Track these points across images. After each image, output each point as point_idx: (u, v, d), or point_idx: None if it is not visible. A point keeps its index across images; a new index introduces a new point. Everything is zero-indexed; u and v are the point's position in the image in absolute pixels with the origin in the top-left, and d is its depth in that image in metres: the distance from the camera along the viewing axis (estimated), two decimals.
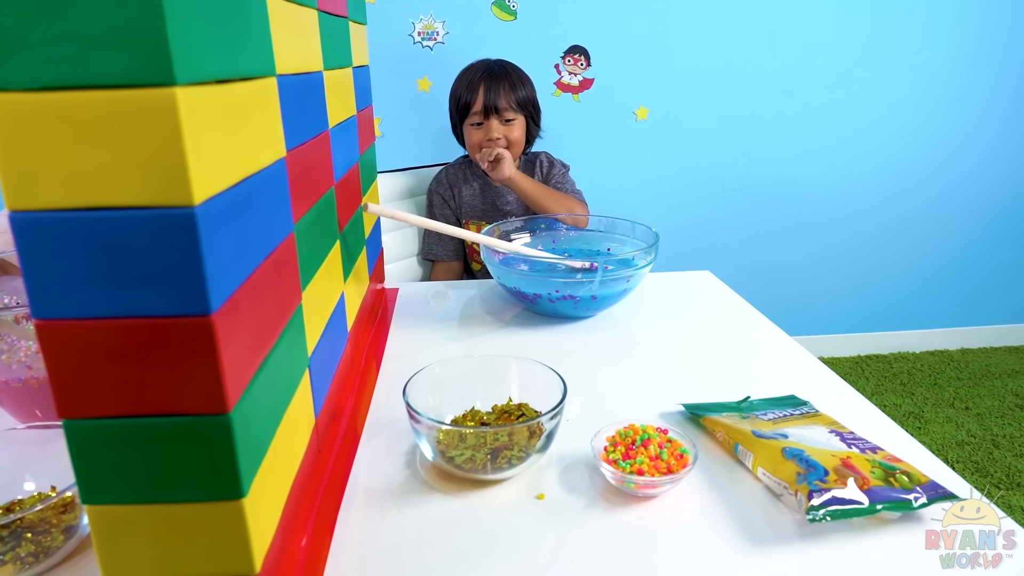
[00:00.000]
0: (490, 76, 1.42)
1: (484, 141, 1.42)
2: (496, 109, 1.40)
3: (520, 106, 1.43)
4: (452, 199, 1.56)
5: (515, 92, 1.42)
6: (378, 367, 0.83)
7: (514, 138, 1.43)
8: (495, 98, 1.40)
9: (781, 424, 0.64)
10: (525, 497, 0.57)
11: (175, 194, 0.32)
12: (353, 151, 0.82)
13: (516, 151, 1.45)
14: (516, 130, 1.44)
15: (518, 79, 1.45)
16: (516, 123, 1.43)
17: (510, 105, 1.41)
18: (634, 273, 0.89)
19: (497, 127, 1.41)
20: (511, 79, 1.43)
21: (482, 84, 1.41)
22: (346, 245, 0.75)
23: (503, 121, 1.42)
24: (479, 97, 1.41)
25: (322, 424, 0.61)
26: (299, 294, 0.53)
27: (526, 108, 1.45)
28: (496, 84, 1.41)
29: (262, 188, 0.44)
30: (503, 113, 1.41)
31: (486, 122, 1.42)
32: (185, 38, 0.32)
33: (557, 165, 1.54)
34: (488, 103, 1.40)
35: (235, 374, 0.37)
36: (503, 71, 1.44)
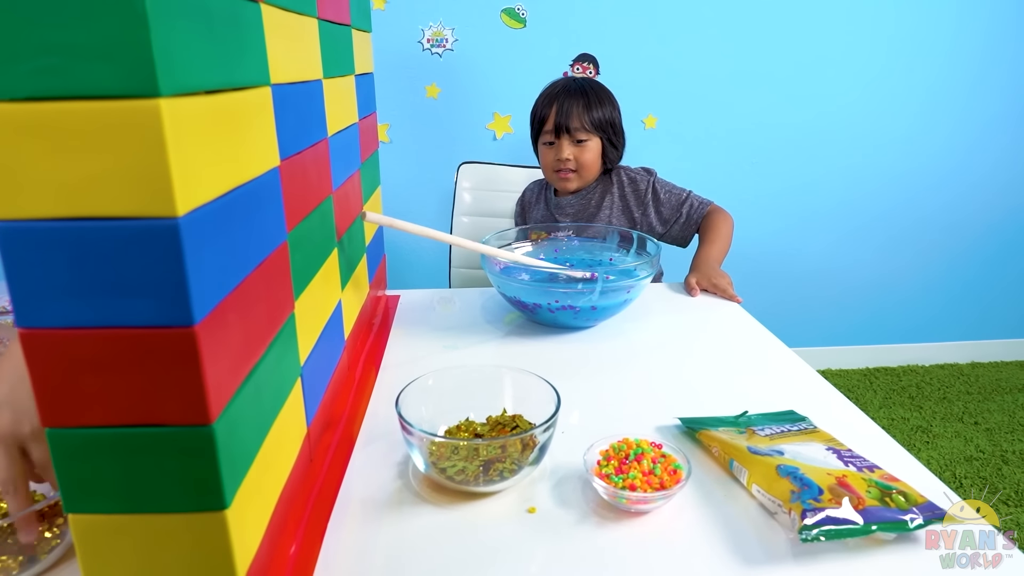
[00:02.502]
0: (566, 93, 1.33)
1: (554, 161, 1.35)
2: (568, 128, 1.31)
3: (595, 127, 1.32)
4: (526, 216, 1.51)
5: (591, 111, 1.32)
6: (376, 375, 0.83)
7: (585, 160, 1.33)
8: (567, 117, 1.31)
9: (778, 440, 0.63)
10: (517, 510, 0.57)
11: (159, 205, 0.32)
12: (354, 159, 0.82)
13: (587, 175, 1.36)
14: (588, 152, 1.33)
15: (596, 98, 1.34)
16: (589, 145, 1.33)
17: (583, 125, 1.31)
18: (634, 284, 0.89)
19: (568, 147, 1.32)
20: (588, 98, 1.33)
21: (556, 101, 1.33)
22: (344, 252, 0.75)
23: (575, 141, 1.32)
24: (552, 114, 1.33)
25: (315, 432, 0.61)
26: (292, 303, 0.53)
27: (603, 130, 1.34)
28: (571, 102, 1.32)
29: (253, 198, 0.44)
30: (575, 133, 1.32)
31: (557, 141, 1.34)
32: (171, 49, 0.32)
33: (642, 179, 1.39)
34: (560, 121, 1.32)
35: (219, 385, 0.37)
36: (580, 89, 1.34)
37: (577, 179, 1.36)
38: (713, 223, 1.31)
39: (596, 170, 1.37)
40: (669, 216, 1.36)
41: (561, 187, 1.38)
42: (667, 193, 1.36)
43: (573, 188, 1.38)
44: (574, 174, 1.35)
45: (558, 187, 1.39)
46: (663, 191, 1.37)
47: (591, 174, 1.37)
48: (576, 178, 1.36)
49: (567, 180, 1.35)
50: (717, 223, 1.30)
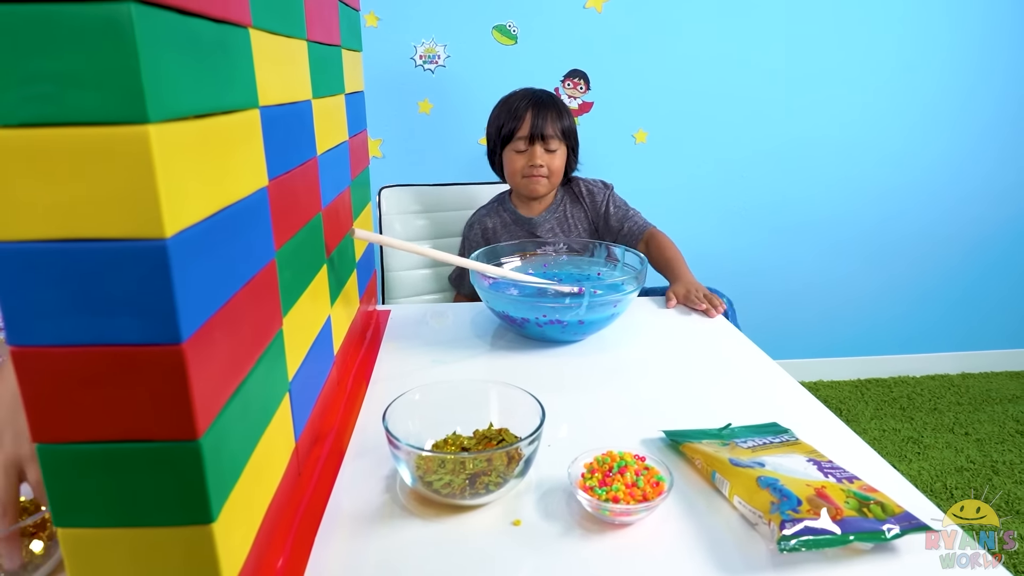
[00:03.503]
0: (537, 103, 1.40)
1: (526, 167, 1.39)
2: (542, 136, 1.38)
3: (564, 135, 1.41)
4: (488, 239, 1.50)
5: (560, 121, 1.40)
6: (366, 389, 0.83)
7: (555, 167, 1.41)
8: (542, 125, 1.37)
9: (760, 452, 0.64)
10: (502, 523, 0.58)
11: (147, 227, 0.33)
12: (344, 176, 0.83)
13: (556, 180, 1.43)
14: (558, 159, 1.41)
15: (563, 109, 1.43)
16: (558, 153, 1.41)
17: (555, 133, 1.39)
18: (621, 298, 0.90)
19: (541, 154, 1.38)
20: (557, 108, 1.41)
21: (529, 111, 1.39)
22: (334, 269, 0.76)
23: (547, 149, 1.39)
24: (526, 123, 1.38)
25: (303, 447, 0.61)
26: (280, 319, 0.54)
27: (569, 138, 1.43)
28: (543, 111, 1.38)
29: (241, 217, 0.45)
30: (548, 141, 1.38)
31: (530, 148, 1.39)
32: (160, 77, 0.33)
33: (599, 191, 1.49)
34: (535, 129, 1.37)
35: (206, 401, 0.38)
36: (550, 99, 1.42)
37: (547, 184, 1.42)
38: (664, 244, 1.36)
39: (560, 176, 1.45)
40: (615, 228, 1.44)
41: (531, 190, 1.42)
42: (616, 207, 1.46)
43: (543, 192, 1.43)
44: (545, 179, 1.40)
45: (527, 190, 1.42)
46: (613, 205, 1.46)
47: (557, 179, 1.44)
48: (546, 183, 1.42)
49: (538, 183, 1.40)
50: (667, 244, 1.36)
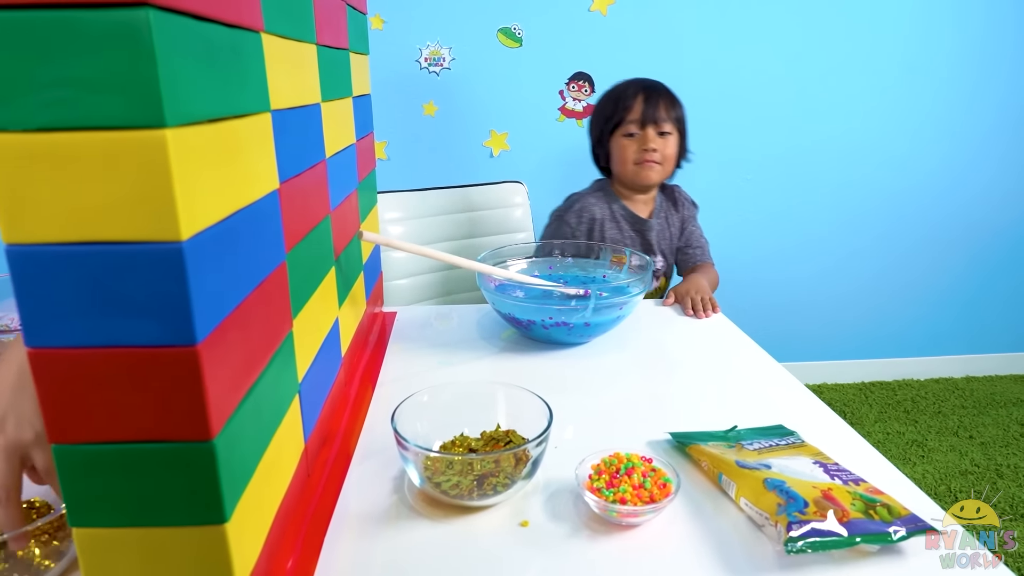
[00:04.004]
0: (647, 88, 1.34)
1: (639, 152, 1.32)
2: (655, 119, 1.31)
3: (676, 121, 1.34)
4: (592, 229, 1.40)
5: (673, 108, 1.34)
6: (372, 391, 0.84)
7: (669, 154, 1.33)
8: (654, 109, 1.31)
9: (766, 454, 0.64)
10: (510, 524, 0.58)
11: (164, 230, 0.34)
12: (352, 179, 0.83)
13: (668, 169, 1.37)
14: (671, 146, 1.34)
15: (674, 97, 1.37)
16: (672, 139, 1.33)
17: (669, 117, 1.32)
18: (627, 300, 0.90)
19: (655, 138, 1.31)
20: (670, 95, 1.35)
21: (639, 95, 1.32)
22: (342, 271, 0.76)
23: (660, 133, 1.32)
24: (636, 106, 1.32)
25: (312, 448, 0.62)
26: (290, 321, 0.54)
27: (680, 125, 1.36)
28: (655, 96, 1.32)
29: (253, 220, 0.45)
30: (660, 124, 1.31)
31: (642, 132, 1.31)
32: (177, 82, 0.34)
33: (690, 203, 1.48)
34: (647, 113, 1.31)
35: (220, 402, 0.39)
36: (661, 86, 1.36)
37: (660, 171, 1.34)
38: (705, 268, 1.37)
39: (673, 166, 1.38)
40: (681, 247, 1.43)
41: (644, 177, 1.34)
42: (694, 230, 1.44)
43: (655, 180, 1.35)
44: (658, 166, 1.33)
45: (640, 179, 1.35)
46: (694, 226, 1.45)
47: (671, 168, 1.37)
48: (660, 170, 1.34)
49: (651, 169, 1.33)
50: (708, 268, 1.37)
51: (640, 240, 1.41)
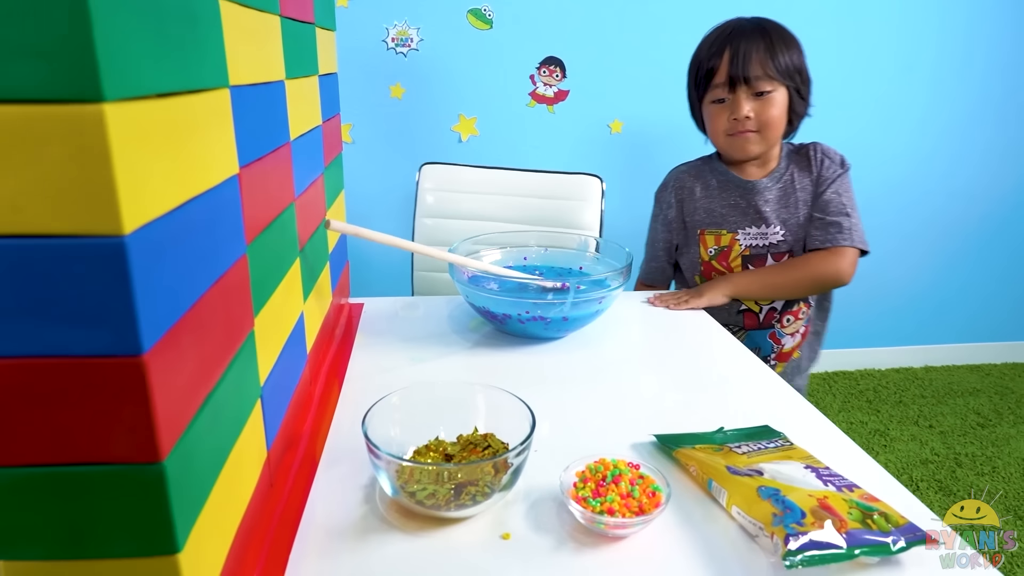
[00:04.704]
0: (740, 35, 1.06)
1: (729, 122, 1.08)
2: (746, 79, 1.05)
3: (782, 74, 1.05)
4: (683, 202, 1.21)
5: (774, 56, 1.04)
6: (339, 389, 0.79)
7: (770, 118, 1.07)
8: (745, 64, 1.04)
9: (756, 458, 0.62)
10: (490, 536, 0.54)
11: (103, 222, 0.29)
12: (317, 163, 0.78)
13: (774, 135, 1.09)
14: (773, 106, 1.06)
15: (780, 39, 1.06)
16: (774, 98, 1.06)
17: (766, 72, 1.04)
18: (607, 294, 0.87)
19: (746, 103, 1.06)
20: (770, 38, 1.05)
21: (726, 49, 1.06)
22: (307, 262, 0.71)
23: (754, 94, 1.06)
24: (722, 65, 1.06)
25: (275, 455, 0.57)
26: (251, 319, 0.49)
27: (790, 77, 1.07)
28: (748, 45, 1.05)
29: (210, 209, 0.40)
30: (755, 83, 1.05)
31: (732, 96, 1.07)
32: (118, 48, 0.29)
33: (832, 162, 1.14)
34: (736, 71, 1.04)
35: (171, 418, 0.34)
36: (758, 28, 1.07)
37: (759, 140, 1.10)
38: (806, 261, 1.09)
39: (780, 130, 1.10)
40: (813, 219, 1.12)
41: (739, 150, 1.11)
42: (833, 197, 1.11)
43: (756, 151, 1.11)
44: (755, 135, 1.08)
45: (735, 152, 1.12)
46: (833, 192, 1.11)
47: (775, 134, 1.10)
48: (758, 139, 1.09)
49: (747, 141, 1.09)
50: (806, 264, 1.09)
51: (748, 206, 1.15)
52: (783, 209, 1.13)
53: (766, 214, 1.13)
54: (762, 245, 1.14)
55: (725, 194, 1.16)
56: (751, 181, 1.14)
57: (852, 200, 1.11)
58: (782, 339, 1.18)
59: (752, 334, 1.18)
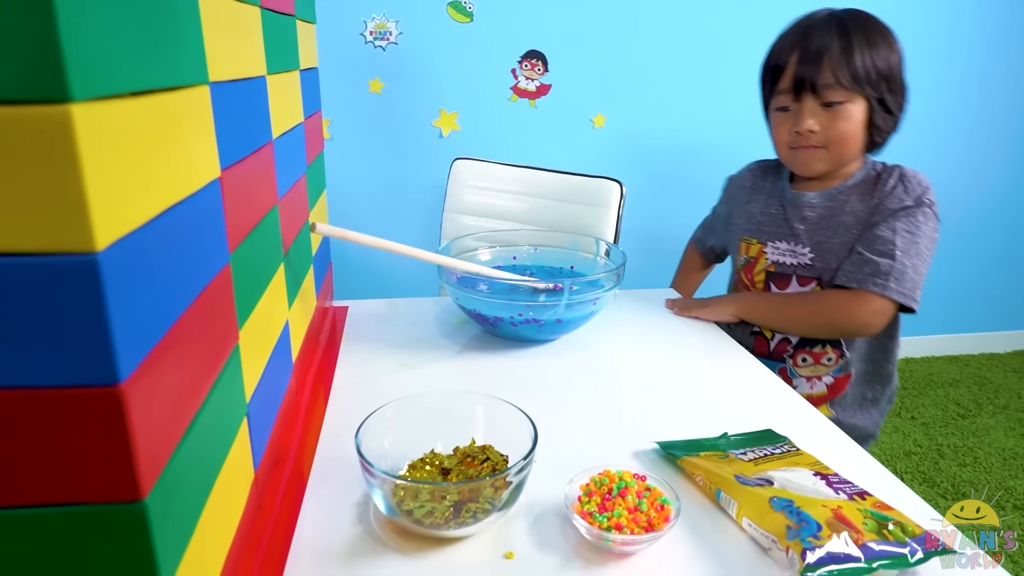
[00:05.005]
0: (813, 32, 0.90)
1: (792, 134, 0.93)
2: (813, 86, 0.89)
3: (860, 83, 0.88)
4: (735, 200, 1.11)
5: (851, 60, 0.87)
6: (326, 398, 0.76)
7: (838, 134, 0.90)
8: (815, 66, 0.88)
9: (763, 465, 0.60)
10: (492, 556, 0.52)
11: (72, 238, 0.26)
12: (300, 162, 0.75)
13: (842, 154, 0.92)
14: (845, 120, 0.89)
15: (863, 39, 0.88)
16: (846, 110, 0.89)
17: (839, 80, 0.88)
18: (601, 296, 0.85)
19: (811, 114, 0.90)
20: (848, 37, 0.88)
21: (800, 44, 0.90)
22: (291, 267, 0.68)
23: (823, 104, 0.90)
24: (791, 64, 0.91)
25: (262, 475, 0.54)
26: (236, 334, 0.46)
27: (872, 86, 0.89)
28: (820, 46, 0.88)
29: (191, 217, 0.37)
30: (824, 92, 0.89)
31: (797, 105, 0.92)
32: (86, 42, 0.25)
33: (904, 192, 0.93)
34: (802, 76, 0.89)
35: (152, 451, 0.31)
36: (839, 25, 0.89)
37: (825, 158, 0.93)
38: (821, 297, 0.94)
39: (855, 147, 0.93)
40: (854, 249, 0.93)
41: (801, 167, 0.96)
42: (888, 230, 0.90)
43: (820, 170, 0.95)
44: (821, 151, 0.93)
45: (796, 168, 0.97)
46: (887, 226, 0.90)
47: (847, 151, 0.92)
48: (824, 156, 0.93)
49: (810, 158, 0.94)
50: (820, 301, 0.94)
51: (784, 219, 1.01)
52: (820, 230, 0.97)
53: (798, 231, 0.98)
54: (789, 264, 0.99)
55: (771, 201, 1.04)
56: (797, 193, 0.99)
57: (914, 245, 0.89)
58: (794, 380, 1.01)
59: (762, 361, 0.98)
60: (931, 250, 0.91)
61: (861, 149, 0.94)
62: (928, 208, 0.92)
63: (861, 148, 0.94)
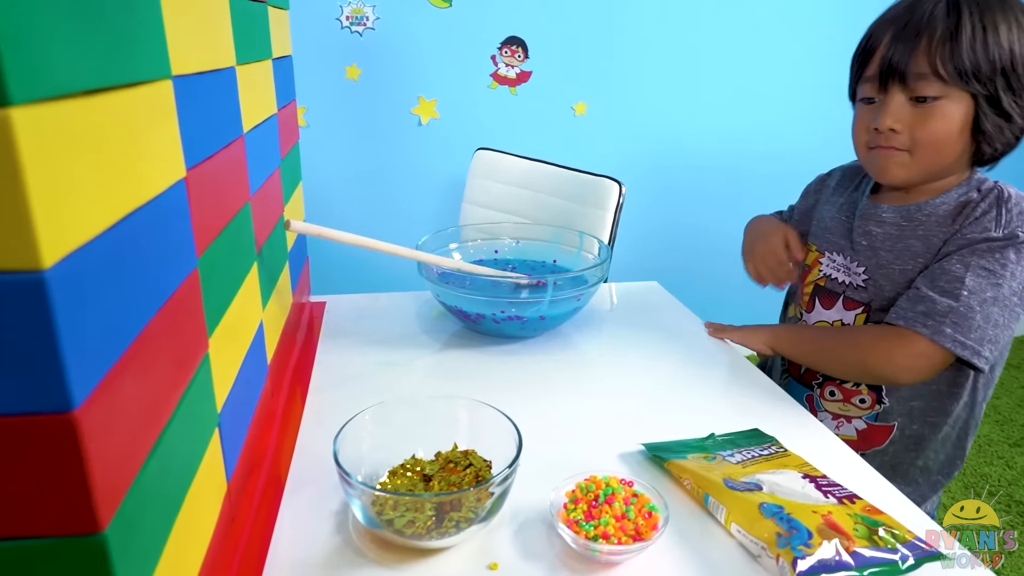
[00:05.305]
0: (919, 6, 0.73)
1: (868, 133, 0.79)
2: (902, 75, 0.73)
3: (965, 75, 0.71)
4: (818, 197, 0.98)
5: (957, 47, 0.70)
6: (304, 399, 0.74)
7: (927, 135, 0.74)
8: (906, 52, 0.72)
9: (751, 468, 0.59)
10: (476, 567, 0.50)
11: (16, 255, 0.23)
12: (273, 155, 0.72)
13: (929, 159, 0.76)
14: (937, 120, 0.73)
15: (979, 19, 0.71)
16: (941, 107, 0.73)
17: (934, 69, 0.71)
18: (585, 291, 0.83)
19: (896, 108, 0.75)
20: (958, 17, 0.71)
21: (890, 28, 0.75)
22: (265, 265, 0.65)
23: (914, 99, 0.74)
24: (879, 50, 0.76)
25: (236, 485, 0.52)
26: (205, 342, 0.44)
27: (980, 80, 0.71)
28: (922, 23, 0.72)
29: (152, 223, 0.35)
30: (914, 84, 0.73)
31: (883, 97, 0.76)
32: (31, 37, 0.23)
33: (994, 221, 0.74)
34: (890, 59, 0.74)
35: (111, 479, 0.29)
36: (939, 8, 0.72)
37: (909, 164, 0.77)
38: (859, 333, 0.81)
39: (950, 156, 0.76)
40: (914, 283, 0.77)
41: (878, 170, 0.80)
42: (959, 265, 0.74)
43: (900, 177, 0.78)
44: (903, 155, 0.76)
45: (872, 171, 0.82)
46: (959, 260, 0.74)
47: (938, 160, 0.76)
48: (907, 162, 0.77)
49: (889, 160, 0.77)
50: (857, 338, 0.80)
51: (847, 229, 0.87)
52: (880, 250, 0.82)
53: (859, 246, 0.84)
54: (840, 281, 0.86)
55: (845, 207, 0.89)
56: (871, 203, 0.85)
57: (992, 287, 0.72)
58: (820, 413, 0.88)
59: (792, 383, 0.93)
60: (1021, 299, 0.72)
61: (963, 160, 0.77)
62: (1017, 246, 0.72)
63: (962, 158, 0.77)
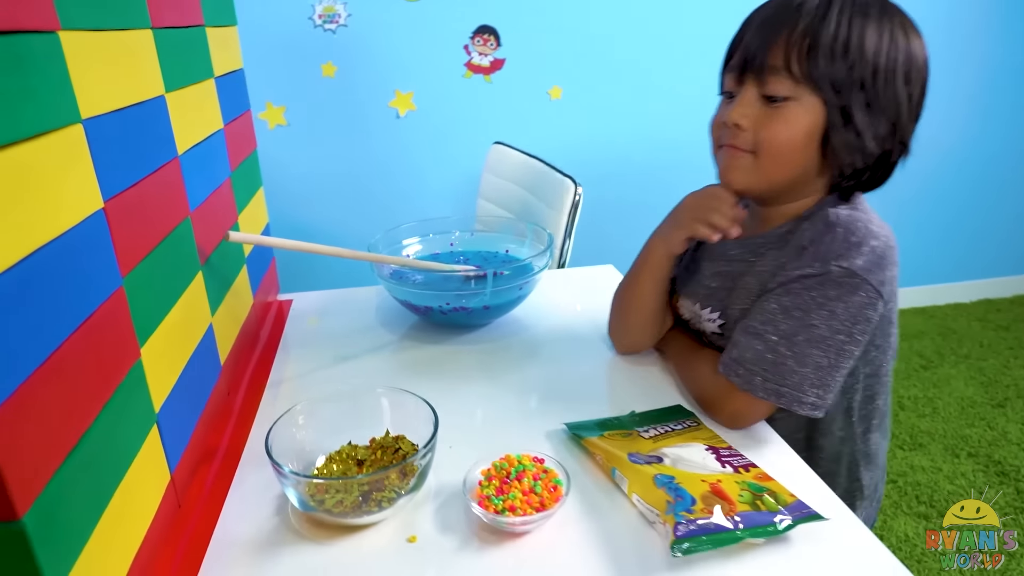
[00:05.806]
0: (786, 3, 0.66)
1: (718, 128, 0.73)
2: (759, 67, 0.66)
3: (820, 77, 0.63)
4: None
5: (817, 44, 0.63)
6: (261, 395, 0.79)
7: (771, 139, 0.66)
8: (763, 44, 0.65)
9: (661, 442, 0.64)
10: (397, 540, 0.56)
11: None
12: (220, 169, 0.77)
13: (771, 168, 0.68)
14: (782, 123, 0.66)
15: (840, 23, 0.63)
16: (789, 110, 0.65)
17: (788, 66, 0.64)
18: (527, 280, 0.88)
19: (748, 103, 0.67)
20: (817, 16, 0.63)
21: (762, 15, 0.68)
22: (213, 273, 0.70)
23: (766, 96, 0.66)
24: (742, 43, 0.69)
25: (183, 475, 0.57)
26: (136, 350, 0.49)
27: (836, 88, 0.64)
28: (785, 15, 0.65)
29: (65, 253, 0.40)
30: (768, 80, 0.65)
31: (738, 90, 0.69)
32: None
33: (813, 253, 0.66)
34: (747, 55, 0.67)
35: (27, 474, 0.34)
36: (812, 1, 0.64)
37: (750, 168, 0.69)
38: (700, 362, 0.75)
39: (793, 166, 0.68)
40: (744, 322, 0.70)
41: (722, 172, 0.73)
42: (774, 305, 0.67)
43: (741, 182, 0.70)
44: (747, 156, 0.69)
45: (719, 172, 0.74)
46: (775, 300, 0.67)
47: (779, 169, 0.68)
48: (750, 167, 0.69)
49: (730, 160, 0.70)
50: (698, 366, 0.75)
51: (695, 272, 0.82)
52: (725, 292, 0.75)
53: (704, 291, 0.78)
54: (697, 331, 0.81)
55: (692, 258, 0.82)
56: (721, 240, 0.73)
57: (805, 328, 0.64)
58: None
59: None
60: (849, 334, 0.64)
61: (815, 180, 0.69)
62: (845, 279, 0.64)
63: (814, 177, 0.69)
